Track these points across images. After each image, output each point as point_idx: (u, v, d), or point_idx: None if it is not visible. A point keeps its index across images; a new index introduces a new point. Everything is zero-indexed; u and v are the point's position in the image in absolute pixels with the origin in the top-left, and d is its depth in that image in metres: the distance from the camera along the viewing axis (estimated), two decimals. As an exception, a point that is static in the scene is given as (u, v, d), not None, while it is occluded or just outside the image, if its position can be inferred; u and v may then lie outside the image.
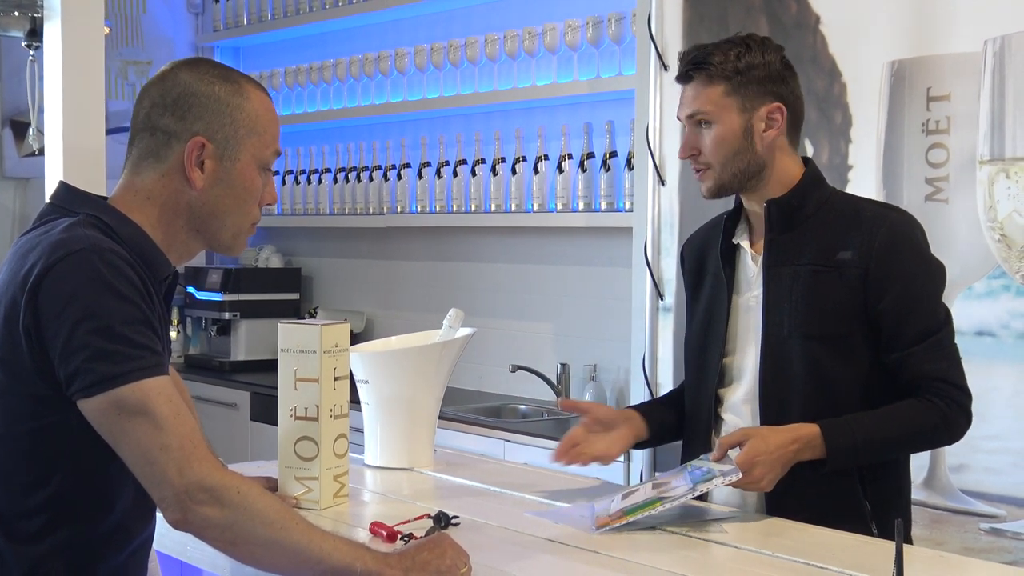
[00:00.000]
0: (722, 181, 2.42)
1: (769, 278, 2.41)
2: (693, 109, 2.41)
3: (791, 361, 2.37)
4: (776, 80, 2.41)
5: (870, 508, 2.34)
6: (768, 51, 2.42)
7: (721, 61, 2.38)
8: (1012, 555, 2.96)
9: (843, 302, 2.34)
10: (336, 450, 2.38)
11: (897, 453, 2.39)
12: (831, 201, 2.44)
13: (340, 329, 2.40)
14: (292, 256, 6.38)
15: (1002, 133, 3.00)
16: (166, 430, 1.75)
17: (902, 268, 2.34)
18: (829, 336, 2.35)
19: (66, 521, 1.83)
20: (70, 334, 1.74)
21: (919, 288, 2.35)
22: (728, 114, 2.39)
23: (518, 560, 2.03)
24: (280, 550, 1.78)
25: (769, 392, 2.39)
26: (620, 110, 4.49)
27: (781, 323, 2.39)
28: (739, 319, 2.48)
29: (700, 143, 2.42)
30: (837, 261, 2.36)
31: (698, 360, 2.55)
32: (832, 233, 2.39)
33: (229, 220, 1.98)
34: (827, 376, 2.35)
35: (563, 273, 4.97)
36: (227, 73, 1.98)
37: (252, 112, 1.96)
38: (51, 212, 1.93)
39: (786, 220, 2.42)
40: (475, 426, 4.39)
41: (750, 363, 2.44)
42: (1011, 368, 2.99)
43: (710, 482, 2.18)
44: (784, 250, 2.41)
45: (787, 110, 2.42)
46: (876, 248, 2.33)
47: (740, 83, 2.38)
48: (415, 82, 5.36)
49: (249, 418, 5.43)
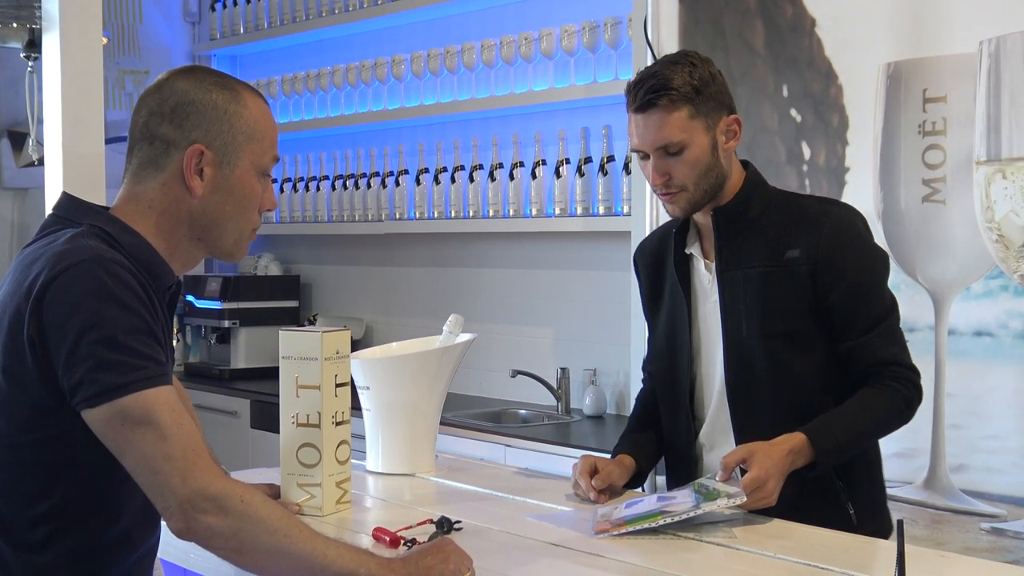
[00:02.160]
0: (695, 200, 2.46)
1: (723, 284, 2.48)
2: (664, 140, 2.40)
3: (754, 361, 2.45)
4: (724, 91, 2.46)
5: (844, 486, 2.42)
6: (708, 64, 2.46)
7: (681, 84, 2.38)
8: (1013, 554, 2.97)
9: (796, 299, 2.42)
10: (338, 456, 2.39)
11: (871, 441, 2.49)
12: (774, 202, 2.51)
13: (341, 336, 2.41)
14: (291, 264, 6.39)
15: (998, 134, 3.01)
16: (169, 440, 1.76)
17: (848, 261, 2.41)
18: (786, 333, 2.43)
19: (71, 530, 1.84)
20: (74, 344, 1.75)
21: (866, 278, 2.43)
22: (697, 136, 2.41)
23: (521, 564, 2.03)
24: (284, 557, 1.78)
25: (737, 393, 2.47)
26: (617, 114, 4.49)
27: (740, 326, 2.46)
28: (701, 327, 2.54)
29: (670, 169, 2.42)
30: (786, 260, 2.43)
31: (669, 372, 2.60)
32: (778, 233, 2.45)
33: (230, 226, 1.99)
34: (790, 371, 2.43)
35: (562, 278, 4.97)
36: (224, 80, 1.99)
37: (250, 119, 1.97)
38: (54, 223, 1.93)
39: (733, 226, 2.48)
40: (476, 431, 4.40)
41: (717, 368, 2.50)
42: (1010, 368, 3.00)
43: (714, 503, 2.20)
44: (734, 255, 2.48)
45: None
46: (822, 244, 2.40)
47: (700, 102, 2.40)
48: (412, 89, 5.37)
49: (250, 426, 5.43)
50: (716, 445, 2.53)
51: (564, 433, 4.39)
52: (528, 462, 3.97)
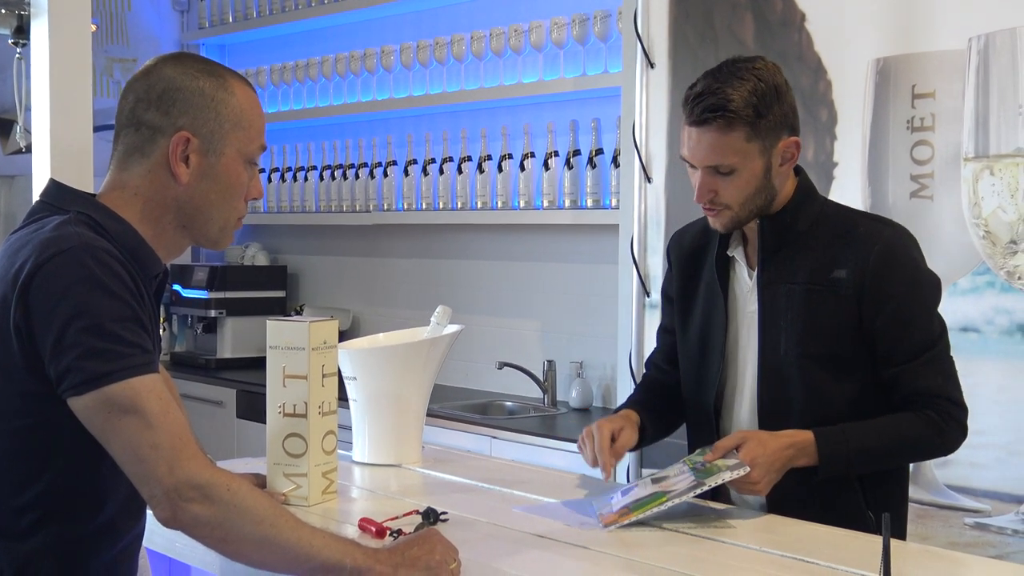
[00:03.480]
0: (739, 219, 2.36)
1: (764, 297, 2.39)
2: (715, 162, 2.29)
3: (789, 381, 2.36)
4: (789, 110, 2.32)
5: (872, 516, 2.33)
6: (775, 75, 2.31)
7: (742, 105, 2.25)
8: (997, 549, 2.98)
9: (838, 321, 2.33)
10: (325, 447, 2.38)
11: (891, 464, 2.38)
12: (824, 214, 2.41)
13: (329, 326, 2.40)
14: (278, 254, 6.38)
15: (987, 130, 3.01)
16: (156, 428, 1.75)
17: (896, 286, 2.31)
18: (825, 356, 2.34)
19: (56, 518, 1.83)
20: (61, 332, 1.74)
21: (914, 304, 2.33)
22: (751, 160, 2.29)
23: (507, 556, 2.03)
24: (270, 547, 1.78)
25: (769, 411, 2.39)
26: (606, 107, 4.50)
27: (778, 343, 2.37)
28: (737, 334, 2.46)
29: (718, 187, 2.32)
30: (832, 280, 2.33)
31: (697, 376, 2.52)
32: (826, 250, 2.36)
33: (215, 214, 1.98)
34: (824, 396, 2.34)
35: (549, 270, 4.97)
36: (211, 67, 1.98)
37: (237, 106, 1.96)
38: (41, 210, 1.92)
39: (779, 237, 2.39)
40: (462, 423, 4.40)
41: (748, 379, 2.43)
42: (995, 364, 3.01)
43: (717, 476, 2.18)
44: (779, 268, 2.39)
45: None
46: (871, 266, 2.30)
47: (759, 124, 2.27)
48: (401, 79, 5.36)
49: (235, 415, 5.42)
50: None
51: (550, 425, 4.39)
52: (514, 454, 3.98)
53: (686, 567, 1.97)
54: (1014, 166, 2.95)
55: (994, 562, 2.55)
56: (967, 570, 2.15)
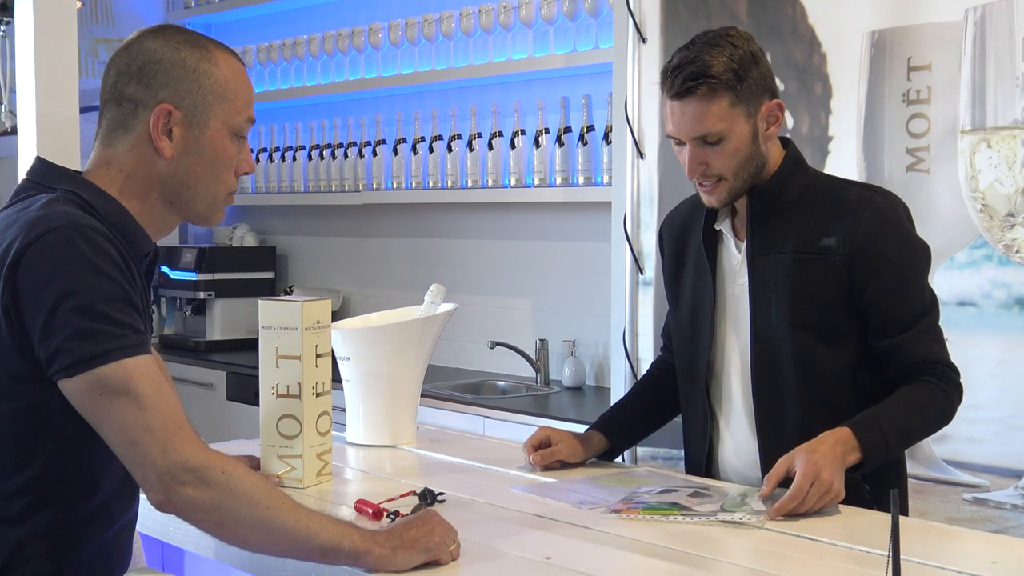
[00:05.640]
0: (735, 190, 2.34)
1: (754, 269, 2.38)
2: (703, 131, 2.28)
3: (781, 352, 2.35)
4: (767, 74, 2.33)
5: (868, 489, 2.31)
6: (750, 42, 2.32)
7: (722, 70, 2.25)
8: (995, 524, 2.97)
9: (828, 290, 2.31)
10: (319, 428, 2.36)
11: (921, 438, 2.39)
12: (813, 185, 2.39)
13: (322, 305, 2.37)
14: (267, 235, 6.35)
15: (983, 103, 2.99)
16: (149, 410, 1.72)
17: (888, 253, 2.30)
18: (816, 325, 2.32)
19: (49, 503, 1.80)
20: (50, 313, 1.70)
21: (906, 272, 2.32)
22: (737, 125, 2.28)
23: (507, 536, 2.01)
24: (267, 530, 1.75)
25: (762, 383, 2.37)
26: (597, 84, 4.47)
27: (769, 314, 2.36)
28: (727, 307, 2.45)
29: (708, 158, 2.30)
30: (821, 248, 2.32)
31: (689, 352, 2.51)
32: (815, 219, 2.34)
33: (202, 189, 1.94)
34: (816, 365, 2.33)
35: (541, 248, 4.95)
36: (194, 39, 1.94)
37: (221, 77, 1.92)
38: (28, 188, 1.89)
39: (768, 208, 2.37)
40: (454, 403, 4.38)
41: (740, 352, 2.42)
42: (993, 338, 2.99)
43: (735, 514, 2.10)
44: (767, 239, 2.37)
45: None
46: (860, 233, 2.29)
47: (742, 89, 2.27)
48: (390, 58, 5.32)
49: (226, 398, 5.39)
50: (732, 431, 2.45)
51: (543, 404, 4.37)
52: (507, 434, 3.95)
53: (688, 546, 1.95)
54: (1011, 138, 2.93)
55: (994, 536, 2.53)
56: (967, 544, 2.14)
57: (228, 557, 2.05)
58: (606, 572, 1.83)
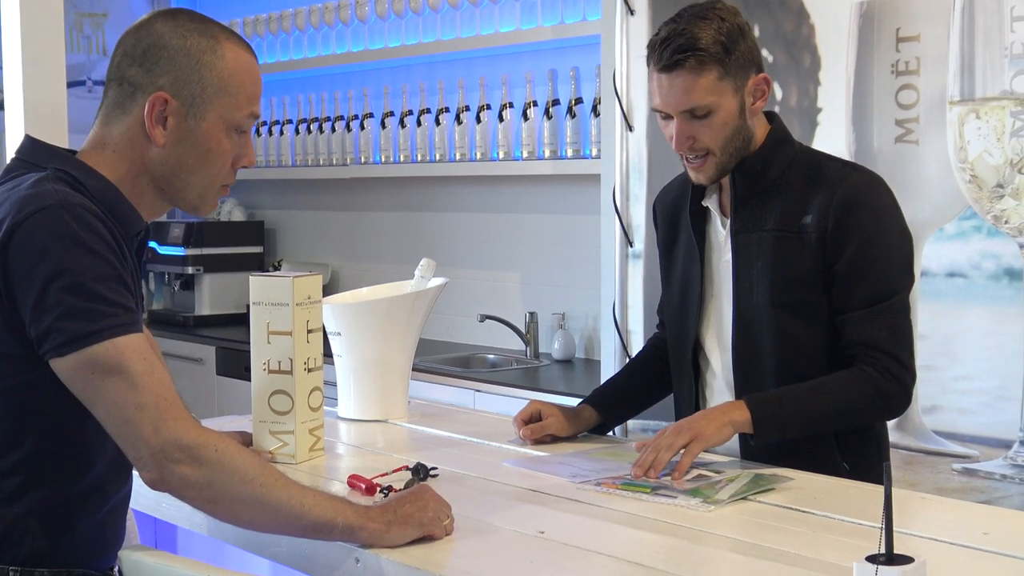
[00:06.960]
0: (723, 165, 2.34)
1: (737, 245, 2.38)
2: (691, 104, 2.26)
3: (761, 329, 2.35)
4: (753, 48, 2.32)
5: (846, 466, 2.32)
6: (736, 16, 2.31)
7: (710, 42, 2.24)
8: (985, 495, 2.98)
9: (806, 267, 2.31)
10: (311, 403, 2.36)
11: (830, 428, 2.32)
12: (797, 161, 2.38)
13: (313, 281, 2.37)
14: (255, 209, 6.33)
15: (972, 73, 2.98)
16: (141, 388, 1.72)
17: (856, 230, 2.27)
18: (795, 303, 2.32)
19: (42, 481, 1.80)
20: (41, 292, 1.70)
21: (872, 252, 2.29)
22: (725, 98, 2.27)
23: (500, 511, 2.01)
24: (260, 507, 1.75)
25: (743, 358, 2.39)
26: (585, 56, 4.45)
27: (750, 291, 2.36)
28: (713, 283, 2.46)
29: (696, 132, 2.29)
30: (800, 226, 2.31)
31: (678, 326, 2.52)
32: (796, 196, 2.33)
33: (192, 180, 1.93)
34: (796, 343, 2.33)
35: (530, 221, 4.94)
36: (206, 27, 1.91)
37: (224, 70, 1.89)
38: (18, 167, 1.87)
39: (751, 184, 2.37)
40: (444, 376, 4.38)
41: (725, 328, 2.43)
42: (982, 309, 3.00)
43: (694, 499, 2.07)
44: (750, 216, 2.37)
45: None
46: (833, 208, 2.27)
47: (729, 62, 2.26)
48: (377, 31, 5.30)
49: (215, 373, 5.39)
50: (716, 404, 2.43)
51: (533, 378, 4.38)
52: (497, 407, 3.96)
53: (681, 520, 1.96)
54: (1000, 109, 2.93)
55: (984, 507, 2.55)
56: (957, 515, 2.14)
57: (221, 533, 2.05)
58: (600, 546, 1.83)
